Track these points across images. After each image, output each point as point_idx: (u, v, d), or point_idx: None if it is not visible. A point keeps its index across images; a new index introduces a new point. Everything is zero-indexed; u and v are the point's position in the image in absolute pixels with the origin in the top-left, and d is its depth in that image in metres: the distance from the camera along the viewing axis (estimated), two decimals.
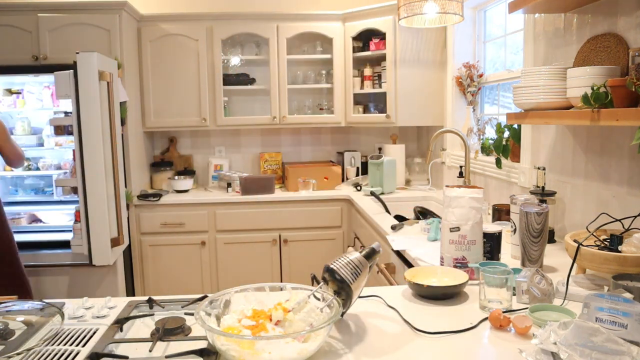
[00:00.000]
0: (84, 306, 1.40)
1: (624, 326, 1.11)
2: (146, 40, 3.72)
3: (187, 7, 3.98)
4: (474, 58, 3.38)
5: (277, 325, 1.13)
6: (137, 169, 3.70)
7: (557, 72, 1.85)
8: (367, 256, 1.25)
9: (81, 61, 2.67)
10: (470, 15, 3.32)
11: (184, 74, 3.77)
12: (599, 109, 1.56)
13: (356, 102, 3.95)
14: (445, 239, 1.64)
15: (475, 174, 3.04)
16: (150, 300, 1.42)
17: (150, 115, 3.79)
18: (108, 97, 2.78)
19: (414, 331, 1.24)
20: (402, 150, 3.86)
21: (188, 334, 1.23)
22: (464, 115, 3.38)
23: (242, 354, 1.02)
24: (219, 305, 1.21)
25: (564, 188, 2.14)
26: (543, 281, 1.40)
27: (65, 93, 2.68)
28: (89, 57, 2.68)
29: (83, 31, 3.38)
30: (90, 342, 1.19)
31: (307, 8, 3.96)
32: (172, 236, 3.60)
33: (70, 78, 2.67)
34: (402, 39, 3.56)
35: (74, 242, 2.87)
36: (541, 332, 1.08)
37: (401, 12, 2.63)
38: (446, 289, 1.46)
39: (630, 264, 1.36)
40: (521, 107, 1.98)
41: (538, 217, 1.64)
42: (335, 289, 1.20)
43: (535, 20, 2.30)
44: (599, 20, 1.88)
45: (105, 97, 2.76)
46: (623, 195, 1.80)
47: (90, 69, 2.67)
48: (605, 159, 1.89)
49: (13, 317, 1.30)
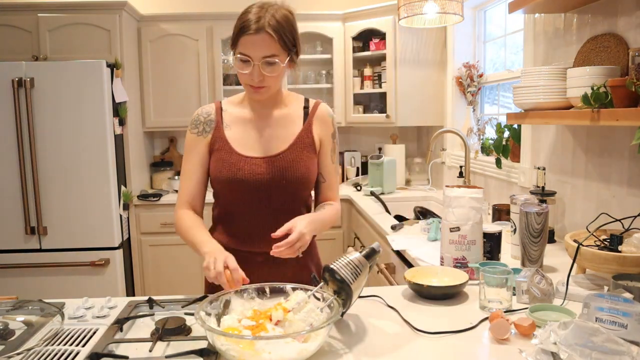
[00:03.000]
0: (84, 306, 1.39)
1: (624, 326, 1.11)
2: (146, 40, 3.72)
3: (187, 7, 3.98)
4: (474, 58, 3.38)
5: (277, 325, 1.13)
6: (137, 169, 3.70)
7: (557, 72, 1.85)
8: (367, 256, 1.25)
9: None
10: (470, 15, 3.32)
11: (184, 74, 3.77)
12: (599, 109, 1.55)
13: (356, 102, 3.95)
14: (445, 239, 1.64)
15: (475, 174, 3.04)
16: (150, 300, 1.42)
17: (150, 115, 3.79)
18: None
19: (414, 331, 1.24)
20: (402, 150, 3.86)
21: (188, 334, 1.23)
22: (464, 115, 3.38)
23: (242, 354, 1.02)
24: (218, 305, 1.21)
25: (564, 188, 2.14)
26: (543, 281, 1.40)
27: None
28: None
29: (83, 31, 3.38)
30: (90, 342, 1.19)
31: (307, 8, 3.96)
32: (172, 236, 3.58)
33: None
34: (402, 39, 3.56)
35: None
36: (541, 332, 1.08)
37: (401, 12, 2.63)
38: (446, 289, 1.46)
39: (630, 263, 1.36)
40: (521, 107, 1.98)
41: (538, 217, 1.64)
42: (335, 289, 1.20)
43: (535, 20, 2.30)
44: (599, 20, 1.88)
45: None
46: (623, 195, 1.80)
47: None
48: (605, 159, 1.89)
49: (13, 317, 1.30)
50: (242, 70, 1.43)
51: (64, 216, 3.25)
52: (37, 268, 3.27)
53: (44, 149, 3.19)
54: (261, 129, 1.54)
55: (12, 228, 3.24)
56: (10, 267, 3.25)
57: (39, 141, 3.18)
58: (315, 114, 1.58)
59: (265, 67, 1.42)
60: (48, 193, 3.23)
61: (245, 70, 1.43)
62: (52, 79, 3.15)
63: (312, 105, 1.60)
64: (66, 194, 3.23)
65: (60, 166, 3.21)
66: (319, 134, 1.57)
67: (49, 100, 3.16)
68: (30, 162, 3.18)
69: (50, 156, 3.20)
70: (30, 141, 3.16)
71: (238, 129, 1.54)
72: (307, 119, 1.57)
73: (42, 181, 3.21)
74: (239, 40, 1.42)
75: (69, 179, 3.23)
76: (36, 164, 3.19)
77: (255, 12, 1.41)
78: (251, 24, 1.39)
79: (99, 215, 3.27)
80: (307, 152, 1.54)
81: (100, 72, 3.19)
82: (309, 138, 1.55)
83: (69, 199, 3.24)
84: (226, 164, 1.49)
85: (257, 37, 1.39)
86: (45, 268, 3.27)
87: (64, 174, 3.22)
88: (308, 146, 1.54)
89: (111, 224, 3.30)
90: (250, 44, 1.40)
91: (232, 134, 1.54)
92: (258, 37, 1.39)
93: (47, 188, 3.22)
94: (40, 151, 3.19)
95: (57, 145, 3.20)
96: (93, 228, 3.28)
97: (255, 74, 1.42)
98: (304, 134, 1.55)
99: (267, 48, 1.40)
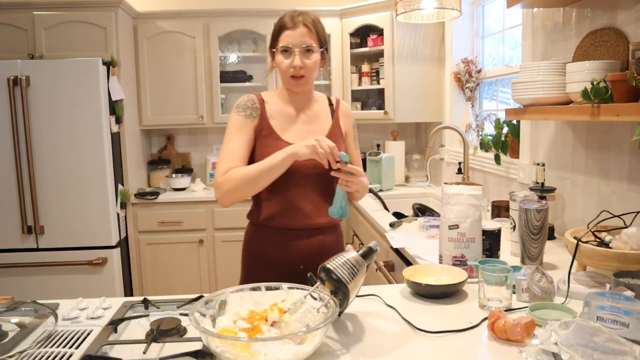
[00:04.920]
0: (78, 307, 1.38)
1: (626, 325, 1.09)
2: (142, 38, 3.70)
3: (183, 4, 3.95)
4: (472, 53, 3.36)
5: (272, 326, 1.11)
6: (134, 167, 3.68)
7: (556, 67, 1.83)
8: (364, 255, 1.23)
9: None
10: (468, 11, 3.30)
11: (181, 71, 3.74)
12: (598, 104, 1.54)
13: (354, 99, 3.93)
14: (444, 237, 1.63)
15: (474, 171, 3.02)
16: (145, 301, 1.40)
17: (147, 113, 3.77)
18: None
19: (414, 330, 1.22)
20: (401, 147, 3.84)
21: (183, 334, 1.22)
22: (462, 111, 3.36)
23: (238, 356, 1.00)
24: (214, 305, 1.19)
25: (564, 184, 2.12)
26: (543, 279, 1.38)
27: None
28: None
29: (79, 29, 3.36)
30: (84, 343, 1.17)
31: (304, 4, 3.92)
32: (170, 234, 3.58)
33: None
34: (400, 35, 3.54)
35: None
36: (542, 332, 1.06)
37: (399, 7, 2.61)
38: (445, 287, 1.44)
39: (631, 261, 1.35)
40: (520, 103, 1.96)
41: (538, 214, 1.62)
42: (332, 289, 1.18)
43: (534, 15, 2.28)
44: (598, 14, 1.86)
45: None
46: (623, 191, 1.79)
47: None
48: (605, 155, 1.87)
49: (7, 318, 1.29)
50: (284, 60, 1.62)
51: (61, 215, 3.23)
52: (34, 267, 3.25)
53: (40, 147, 3.17)
54: (300, 122, 1.72)
55: (9, 227, 3.22)
56: (7, 267, 3.23)
57: (35, 140, 3.16)
58: (339, 110, 1.82)
59: (304, 55, 1.62)
60: (45, 192, 3.21)
61: (287, 60, 1.62)
62: (48, 77, 3.13)
63: (334, 102, 1.83)
64: (63, 192, 3.22)
65: (56, 165, 3.19)
66: (344, 127, 1.81)
67: (45, 99, 3.14)
68: (27, 161, 3.16)
69: (47, 155, 3.18)
70: (26, 140, 3.13)
71: (281, 119, 1.69)
72: (334, 114, 1.79)
73: (38, 180, 3.19)
74: (280, 37, 1.63)
75: (66, 178, 3.21)
76: (32, 163, 3.17)
77: (290, 15, 1.65)
78: (288, 22, 1.63)
79: (96, 214, 3.25)
80: (340, 142, 1.73)
81: (97, 70, 3.17)
82: (339, 130, 1.77)
83: (66, 197, 3.22)
84: (276, 150, 1.58)
85: (296, 31, 1.61)
86: (42, 267, 3.25)
87: (61, 173, 3.20)
88: (339, 137, 1.75)
89: (108, 223, 3.28)
90: (290, 36, 1.61)
91: (276, 124, 1.67)
92: (297, 31, 1.61)
93: (44, 187, 3.20)
94: (36, 150, 3.17)
95: (54, 144, 3.18)
96: (90, 227, 3.26)
97: (296, 62, 1.61)
98: (335, 128, 1.76)
99: (305, 39, 1.62)
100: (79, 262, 3.26)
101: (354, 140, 1.86)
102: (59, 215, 3.23)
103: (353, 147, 1.86)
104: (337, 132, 1.76)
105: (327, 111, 1.79)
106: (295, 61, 1.61)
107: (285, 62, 1.63)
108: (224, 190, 1.57)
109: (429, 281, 1.48)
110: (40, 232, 3.23)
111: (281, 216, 1.65)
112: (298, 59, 1.61)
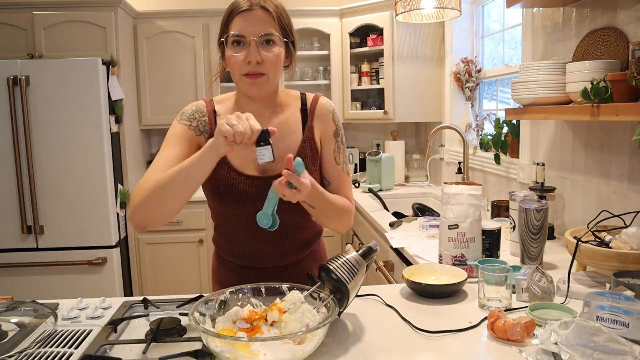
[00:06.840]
0: (78, 307, 1.38)
1: (626, 325, 1.09)
2: (142, 38, 3.70)
3: (183, 4, 3.95)
4: (472, 53, 3.35)
5: (272, 326, 1.11)
6: (134, 167, 3.68)
7: (556, 67, 1.83)
8: (364, 255, 1.23)
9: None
10: (468, 11, 3.30)
11: (181, 71, 3.74)
12: (599, 104, 1.54)
13: (354, 99, 3.93)
14: (444, 237, 1.63)
15: (474, 171, 3.02)
16: (145, 301, 1.40)
17: (147, 112, 3.77)
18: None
19: (413, 330, 1.22)
20: (401, 147, 3.84)
21: (183, 334, 1.21)
22: (462, 111, 3.36)
23: (238, 356, 1.00)
24: (214, 305, 1.19)
25: (564, 184, 2.12)
26: (543, 279, 1.38)
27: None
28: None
29: (79, 29, 3.36)
30: (84, 343, 1.17)
31: (304, 4, 3.93)
32: (170, 235, 3.58)
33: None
34: (400, 35, 3.54)
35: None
36: (542, 332, 1.06)
37: (399, 7, 2.61)
38: (445, 287, 1.44)
39: (631, 261, 1.35)
40: (520, 103, 1.96)
41: (538, 214, 1.62)
42: (332, 289, 1.18)
43: (534, 15, 2.28)
44: (598, 14, 1.86)
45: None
46: (624, 191, 1.78)
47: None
48: (606, 155, 1.87)
49: (7, 318, 1.28)
50: (236, 54, 1.26)
51: (60, 215, 3.23)
52: (34, 267, 3.25)
53: (40, 147, 3.17)
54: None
55: (9, 227, 3.22)
56: (7, 267, 3.23)
57: (35, 140, 3.16)
58: (315, 115, 1.40)
59: (262, 47, 1.26)
60: (44, 192, 3.20)
61: (239, 54, 1.26)
62: (48, 77, 3.13)
63: (310, 103, 1.42)
64: (63, 193, 3.22)
65: (56, 165, 3.19)
66: (320, 137, 1.41)
67: (45, 99, 3.14)
68: (27, 161, 3.16)
69: (47, 155, 3.18)
70: (26, 140, 3.13)
71: None
72: (307, 123, 1.39)
73: (38, 180, 3.19)
74: (231, 24, 1.28)
75: (66, 178, 3.21)
76: (32, 163, 3.17)
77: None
78: (243, 3, 1.27)
79: (96, 214, 3.25)
80: (310, 167, 1.35)
81: (96, 70, 3.17)
82: (312, 148, 1.38)
83: (66, 198, 3.22)
84: (223, 182, 1.34)
85: (251, 14, 1.25)
86: (42, 267, 3.25)
87: (61, 173, 3.20)
88: (310, 159, 1.38)
89: (108, 223, 3.28)
90: (243, 22, 1.25)
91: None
92: (252, 14, 1.25)
93: (44, 187, 3.20)
94: (36, 150, 3.17)
95: (54, 144, 3.18)
96: (90, 227, 3.26)
97: (252, 54, 1.24)
98: (305, 145, 1.38)
99: (263, 25, 1.26)
100: (78, 262, 3.26)
101: (335, 152, 1.41)
102: (59, 215, 3.23)
103: (331, 163, 1.41)
104: (307, 153, 1.37)
105: (297, 120, 1.40)
106: (251, 55, 1.25)
107: (237, 56, 1.26)
108: (135, 205, 1.22)
109: (429, 281, 1.48)
110: (40, 232, 3.23)
111: (243, 258, 1.46)
112: (254, 51, 1.24)
